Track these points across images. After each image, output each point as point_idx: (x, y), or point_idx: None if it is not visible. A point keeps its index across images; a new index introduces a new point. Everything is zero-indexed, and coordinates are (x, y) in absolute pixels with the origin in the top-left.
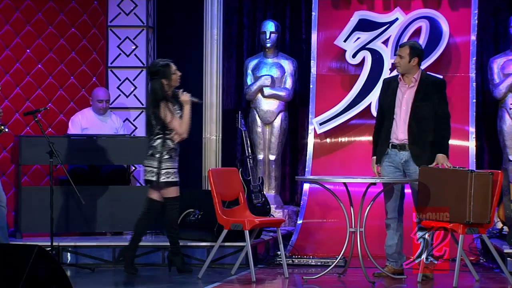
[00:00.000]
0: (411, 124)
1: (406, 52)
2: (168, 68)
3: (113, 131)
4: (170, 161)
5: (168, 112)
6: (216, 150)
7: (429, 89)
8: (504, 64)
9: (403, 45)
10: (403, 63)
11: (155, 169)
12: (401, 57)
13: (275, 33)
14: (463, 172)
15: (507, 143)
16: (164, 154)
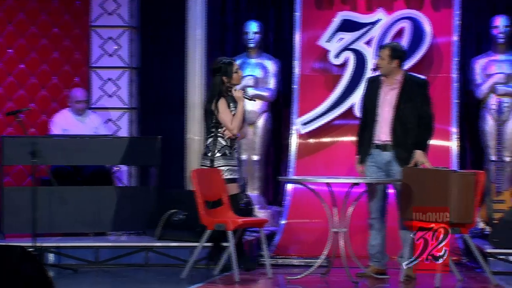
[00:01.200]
0: (394, 126)
1: (386, 54)
2: (231, 66)
3: (93, 130)
4: (223, 159)
5: (220, 108)
6: (199, 151)
7: (412, 90)
8: (486, 65)
9: (384, 46)
10: (384, 65)
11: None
12: (382, 59)
13: (258, 33)
14: (445, 172)
15: (489, 143)
16: (216, 152)
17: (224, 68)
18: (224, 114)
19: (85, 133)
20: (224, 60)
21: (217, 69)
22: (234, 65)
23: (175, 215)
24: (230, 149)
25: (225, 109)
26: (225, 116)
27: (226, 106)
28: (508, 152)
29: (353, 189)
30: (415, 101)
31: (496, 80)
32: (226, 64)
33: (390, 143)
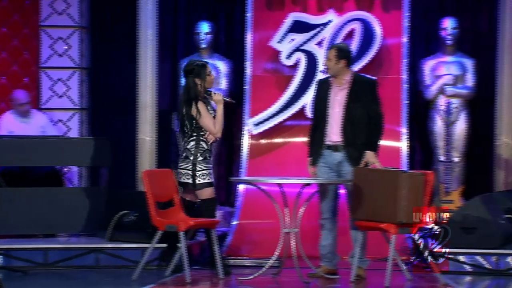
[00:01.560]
0: (344, 126)
1: (333, 55)
2: (204, 69)
3: (39, 130)
4: (205, 162)
5: (201, 112)
6: (150, 151)
7: (361, 90)
8: (435, 66)
9: (330, 47)
10: (331, 65)
11: (190, 172)
12: (329, 60)
13: (210, 34)
14: (395, 172)
15: (438, 143)
16: (198, 156)
17: (198, 70)
18: (207, 118)
19: (32, 134)
20: (197, 62)
21: (190, 71)
22: (207, 67)
23: (126, 216)
24: (210, 152)
25: (206, 112)
26: (207, 120)
27: (206, 109)
28: (456, 152)
29: (304, 189)
30: (364, 100)
31: (445, 81)
32: (200, 66)
33: (341, 144)
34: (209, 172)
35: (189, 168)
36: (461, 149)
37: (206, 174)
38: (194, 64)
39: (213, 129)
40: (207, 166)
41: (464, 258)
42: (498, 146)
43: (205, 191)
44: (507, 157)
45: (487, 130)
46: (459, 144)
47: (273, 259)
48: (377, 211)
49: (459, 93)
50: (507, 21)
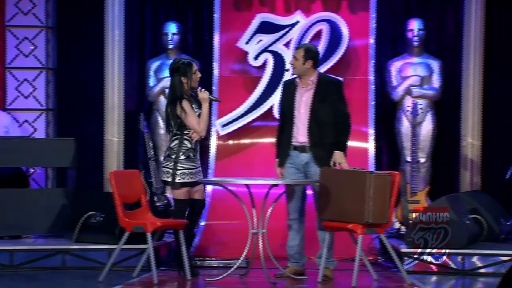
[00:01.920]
0: (311, 126)
1: (300, 55)
2: (190, 67)
3: (2, 130)
4: (187, 161)
5: (186, 110)
6: (118, 152)
7: (326, 90)
8: (401, 67)
9: (298, 47)
10: (298, 65)
11: (171, 170)
12: (296, 59)
13: (177, 34)
14: (362, 173)
15: (404, 144)
16: (180, 155)
17: (183, 68)
18: (191, 116)
19: None
20: (183, 60)
21: (175, 69)
22: (193, 66)
23: (92, 217)
24: (194, 151)
25: (190, 111)
26: (192, 118)
27: (191, 107)
28: (422, 153)
29: (272, 190)
30: (330, 101)
31: (411, 82)
32: (185, 64)
33: (308, 144)
34: (190, 172)
35: (170, 167)
36: (427, 149)
37: (186, 174)
38: (180, 62)
39: (198, 127)
40: (190, 165)
41: (430, 258)
42: (464, 146)
43: (180, 191)
44: (472, 158)
45: (453, 131)
46: (425, 145)
47: (241, 259)
48: (344, 211)
49: (426, 94)
50: (472, 23)
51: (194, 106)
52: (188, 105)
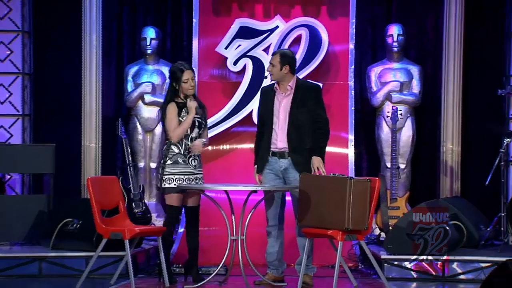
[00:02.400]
0: (290, 132)
1: (277, 60)
2: (180, 73)
3: None
4: (174, 167)
5: (167, 114)
6: (95, 158)
7: (305, 96)
8: (381, 73)
9: (274, 53)
10: (275, 71)
11: (160, 175)
12: (273, 65)
13: (156, 39)
14: (342, 179)
15: (384, 150)
16: (166, 160)
17: (175, 74)
18: (169, 120)
19: None
20: (177, 65)
21: (170, 73)
22: (184, 73)
23: (69, 224)
24: (184, 157)
25: (171, 114)
26: (169, 122)
27: (175, 112)
28: (402, 159)
29: (251, 196)
30: (308, 106)
31: (391, 87)
32: (177, 70)
33: (287, 150)
34: (178, 178)
35: (159, 172)
36: (407, 155)
37: (172, 179)
38: (174, 67)
39: (171, 132)
40: (178, 171)
41: (410, 264)
42: (443, 152)
43: (169, 197)
44: (452, 164)
45: (432, 136)
46: (405, 151)
47: (220, 266)
48: (324, 218)
49: (405, 99)
50: (452, 28)
51: (184, 110)
52: (173, 109)
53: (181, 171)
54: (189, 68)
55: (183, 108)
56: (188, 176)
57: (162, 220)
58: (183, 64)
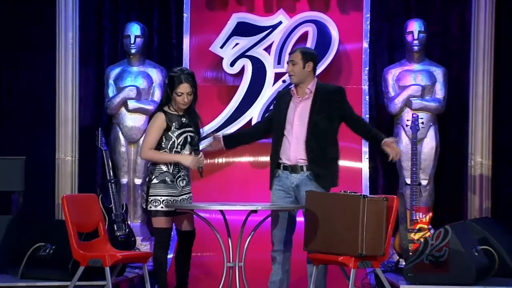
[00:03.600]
0: (309, 141)
1: (298, 57)
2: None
3: None
4: (161, 187)
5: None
6: (72, 173)
7: (325, 99)
8: (400, 75)
9: (293, 51)
10: (297, 70)
11: (145, 195)
12: (293, 64)
13: (141, 37)
14: (354, 197)
15: (403, 164)
16: (152, 178)
17: (171, 80)
18: (149, 132)
19: None
20: (177, 73)
21: (168, 77)
22: (180, 86)
23: (41, 249)
24: (172, 176)
25: (152, 127)
26: (148, 134)
27: (159, 125)
28: (424, 174)
29: (250, 217)
30: (330, 111)
31: (411, 92)
32: (175, 78)
33: (302, 163)
34: (166, 200)
35: (145, 191)
36: (429, 170)
37: (159, 201)
38: (173, 73)
39: (143, 147)
40: (166, 191)
41: None
42: (472, 166)
43: (157, 220)
44: (481, 180)
45: (459, 148)
46: (427, 165)
47: None
48: (333, 242)
49: (427, 106)
50: (481, 24)
51: (175, 124)
52: (160, 120)
53: (168, 192)
54: (187, 80)
55: (174, 121)
56: (174, 198)
57: (148, 244)
58: (183, 74)
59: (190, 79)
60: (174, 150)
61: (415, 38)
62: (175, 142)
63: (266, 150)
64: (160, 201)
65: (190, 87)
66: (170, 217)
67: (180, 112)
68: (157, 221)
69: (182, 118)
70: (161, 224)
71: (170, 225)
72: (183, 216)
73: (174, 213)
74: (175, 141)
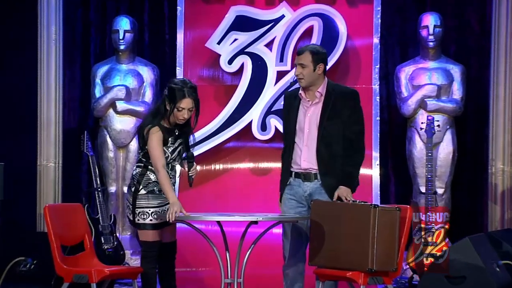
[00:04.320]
0: (319, 150)
1: (308, 59)
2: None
3: None
4: (149, 198)
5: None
6: (55, 181)
7: (338, 103)
8: (413, 74)
9: (301, 51)
10: (308, 73)
11: (131, 206)
12: (303, 66)
13: (131, 32)
14: (364, 207)
15: (417, 171)
16: (140, 188)
17: (172, 93)
18: (155, 148)
19: None
20: (180, 85)
21: (168, 89)
22: (183, 101)
23: (22, 264)
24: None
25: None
26: (154, 150)
27: (160, 137)
28: (440, 182)
29: (251, 228)
30: (342, 116)
31: (426, 92)
32: (177, 91)
33: (314, 171)
34: (155, 211)
35: (130, 202)
36: (446, 177)
37: (147, 214)
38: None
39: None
40: (154, 203)
41: None
42: (492, 173)
43: (144, 233)
44: (503, 188)
45: (478, 154)
46: (443, 172)
47: None
48: (341, 256)
49: (444, 107)
50: (503, 19)
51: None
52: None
53: (157, 203)
54: (191, 95)
55: (169, 137)
56: (162, 208)
57: (138, 258)
58: (186, 87)
59: (194, 94)
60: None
61: (430, 33)
62: (169, 157)
63: (268, 155)
64: (148, 214)
65: (192, 102)
66: (158, 229)
67: (172, 125)
68: (144, 234)
69: (175, 131)
70: (148, 238)
71: (159, 237)
72: (166, 227)
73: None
74: (169, 156)
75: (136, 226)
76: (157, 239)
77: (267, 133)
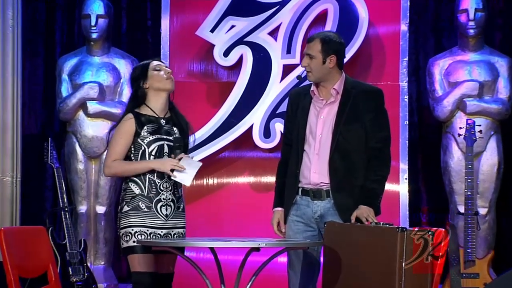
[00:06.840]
0: (333, 160)
1: (316, 49)
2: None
3: None
4: (131, 216)
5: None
6: (12, 199)
7: (358, 104)
8: (450, 68)
9: (311, 39)
10: (316, 66)
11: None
12: (310, 57)
13: (105, 17)
14: (389, 230)
15: (455, 186)
16: (123, 205)
17: (135, 72)
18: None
19: None
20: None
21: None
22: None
23: None
24: (148, 201)
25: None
26: (111, 145)
27: (127, 127)
28: (483, 200)
29: (251, 256)
30: (363, 120)
31: (466, 91)
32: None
33: (328, 187)
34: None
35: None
36: (490, 195)
37: (130, 234)
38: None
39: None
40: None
41: None
42: None
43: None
44: None
45: None
46: (487, 188)
47: None
48: None
49: (487, 109)
50: None
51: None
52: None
53: (144, 222)
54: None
55: (146, 124)
56: (154, 231)
57: None
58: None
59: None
60: None
61: (470, 19)
62: (146, 151)
63: (271, 168)
64: (131, 234)
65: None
66: (149, 255)
67: (159, 114)
68: (131, 262)
69: (161, 121)
70: (135, 266)
71: (151, 267)
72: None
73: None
74: (145, 150)
75: (123, 253)
76: (148, 270)
77: (271, 140)
